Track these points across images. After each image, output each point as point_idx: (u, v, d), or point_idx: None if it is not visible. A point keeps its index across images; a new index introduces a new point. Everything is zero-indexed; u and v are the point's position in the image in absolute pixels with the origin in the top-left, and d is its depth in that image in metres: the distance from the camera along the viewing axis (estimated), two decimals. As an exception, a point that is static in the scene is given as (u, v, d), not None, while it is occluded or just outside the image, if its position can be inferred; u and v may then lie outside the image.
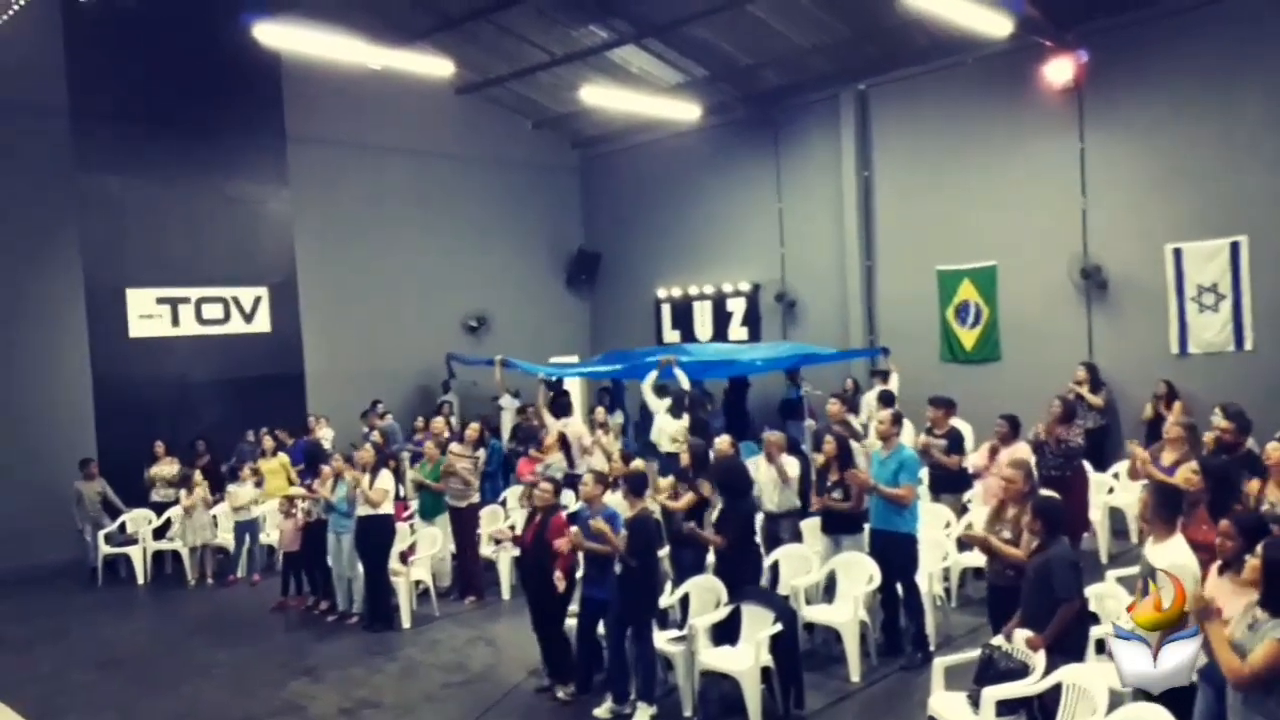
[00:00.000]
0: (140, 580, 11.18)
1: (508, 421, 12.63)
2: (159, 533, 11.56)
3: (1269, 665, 3.60)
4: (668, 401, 10.36)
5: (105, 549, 11.23)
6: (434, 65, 12.61)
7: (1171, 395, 10.81)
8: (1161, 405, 10.77)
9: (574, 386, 15.79)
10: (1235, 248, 11.05)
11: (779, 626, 6.26)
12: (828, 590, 7.50)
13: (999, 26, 10.76)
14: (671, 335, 16.87)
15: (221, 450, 12.52)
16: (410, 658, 8.02)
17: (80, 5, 8.35)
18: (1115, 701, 4.65)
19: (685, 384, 10.48)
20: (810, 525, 7.95)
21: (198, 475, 11.19)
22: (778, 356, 12.86)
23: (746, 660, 6.18)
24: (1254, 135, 10.90)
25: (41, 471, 11.65)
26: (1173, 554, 4.75)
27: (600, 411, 10.93)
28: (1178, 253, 11.42)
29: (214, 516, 11.16)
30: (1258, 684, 3.64)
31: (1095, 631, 5.47)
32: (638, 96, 14.12)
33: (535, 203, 17.34)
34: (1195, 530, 5.26)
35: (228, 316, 13.75)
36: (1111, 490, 9.77)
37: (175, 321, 13.29)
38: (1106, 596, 5.96)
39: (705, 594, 6.82)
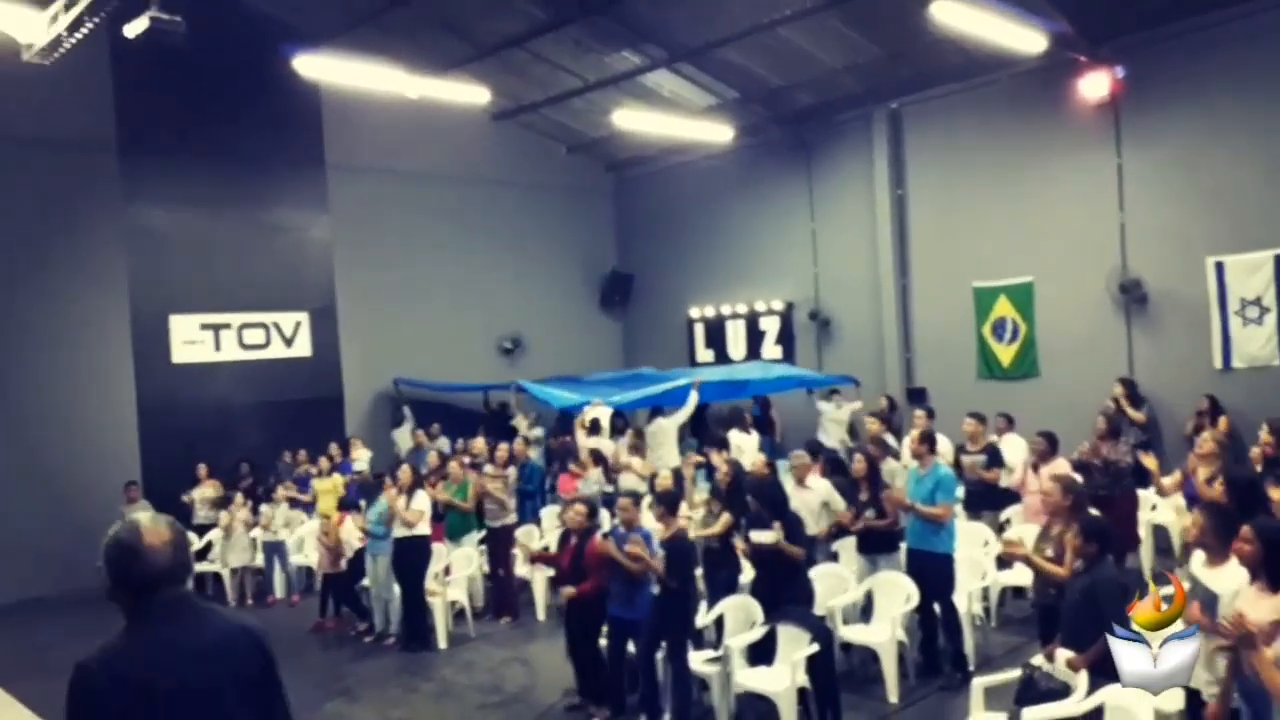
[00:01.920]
0: (183, 602, 11.31)
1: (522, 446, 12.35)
2: (200, 555, 11.73)
3: None
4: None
5: (149, 571, 11.38)
6: (470, 93, 12.84)
7: (1216, 410, 10.60)
8: (1204, 420, 10.56)
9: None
10: (1279, 260, 10.85)
11: (815, 647, 6.19)
12: (865, 610, 7.42)
13: (1033, 43, 10.72)
14: (705, 355, 16.88)
15: (264, 473, 12.71)
16: (446, 678, 8.05)
17: (128, 41, 8.60)
18: (1160, 723, 4.57)
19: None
20: (846, 545, 7.89)
21: (239, 497, 11.36)
22: (765, 379, 13.24)
23: (783, 681, 6.12)
24: (1297, 147, 10.72)
25: (87, 496, 11.89)
26: (1226, 580, 4.62)
27: (630, 433, 10.92)
28: (1220, 266, 11.23)
29: (253, 538, 11.31)
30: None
31: (1138, 651, 5.35)
32: (670, 119, 14.23)
33: (569, 226, 17.49)
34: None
35: (269, 341, 14.01)
36: (1155, 507, 9.57)
37: (218, 347, 13.57)
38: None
39: (740, 614, 6.78)
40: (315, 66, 11.65)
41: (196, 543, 11.74)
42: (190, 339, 13.37)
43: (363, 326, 14.79)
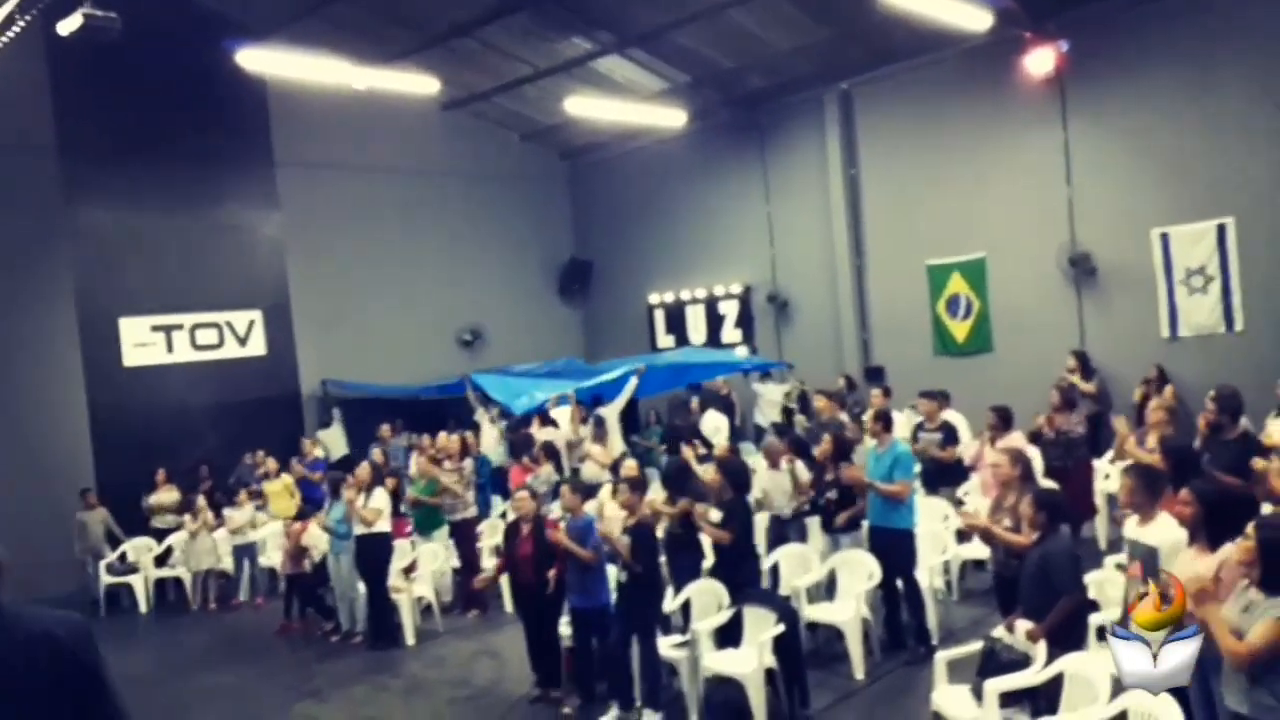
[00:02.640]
0: (143, 609, 11.18)
1: (489, 439, 12.19)
2: (160, 560, 11.57)
3: (1269, 644, 3.59)
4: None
5: (106, 579, 11.23)
6: (419, 83, 12.68)
7: (1162, 379, 10.84)
8: (1151, 389, 10.80)
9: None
10: (1222, 230, 11.09)
11: (781, 627, 6.26)
12: (829, 589, 7.50)
13: (978, 20, 10.81)
14: (666, 340, 16.90)
15: (223, 475, 12.53)
16: (415, 674, 8.02)
17: (63, 39, 8.39)
18: (1117, 689, 4.67)
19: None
20: (812, 524, 7.97)
21: (201, 500, 11.20)
22: (704, 364, 13.53)
23: (750, 663, 6.18)
24: (1236, 118, 10.94)
25: (41, 504, 11.64)
26: (1160, 532, 4.76)
27: (593, 422, 10.91)
28: (1165, 237, 11.45)
29: (215, 541, 11.16)
30: (1258, 664, 3.64)
31: (1095, 619, 5.47)
32: (623, 105, 14.18)
33: (525, 214, 17.38)
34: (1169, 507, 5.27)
35: (222, 341, 13.79)
36: (1108, 476, 9.77)
37: (170, 348, 13.33)
38: (1106, 583, 5.96)
39: (707, 598, 6.83)
40: (260, 60, 11.43)
41: (156, 548, 11.59)
42: (142, 341, 13.12)
43: (318, 323, 14.60)
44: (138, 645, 10.06)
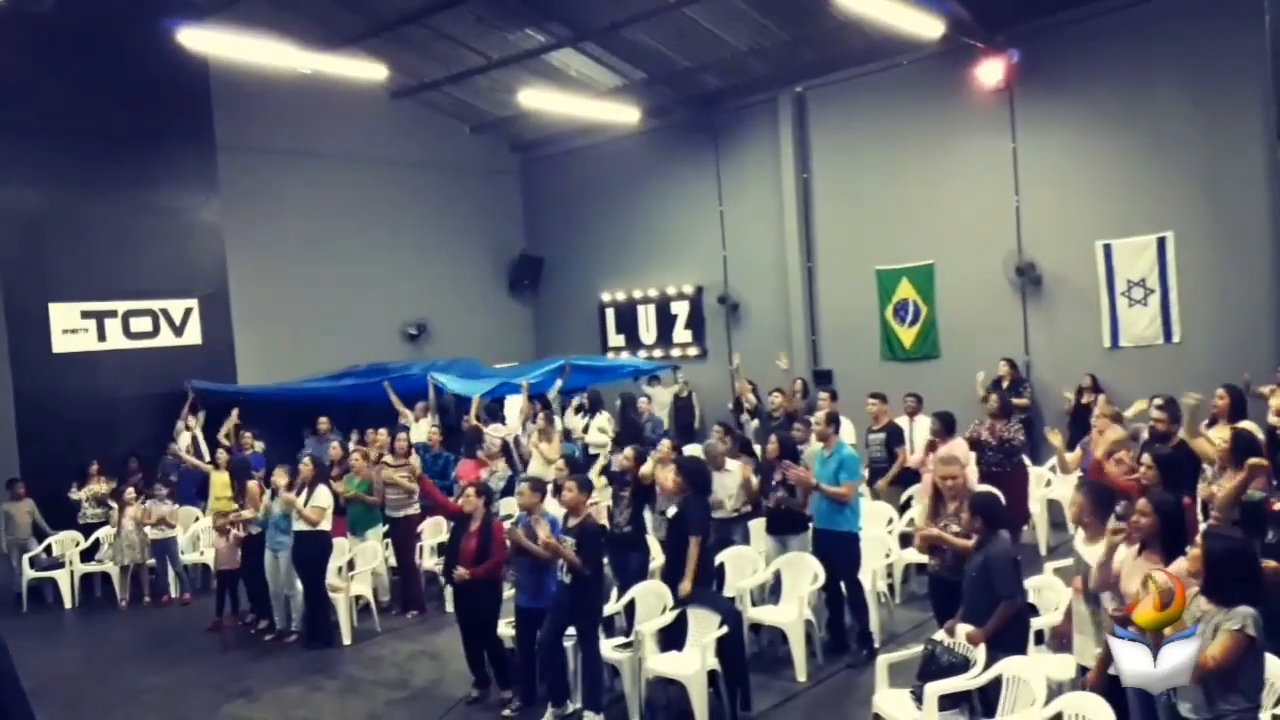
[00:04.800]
0: (68, 604, 10.78)
1: (418, 436, 11.44)
2: (87, 555, 11.17)
3: (1228, 657, 3.59)
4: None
5: (30, 573, 10.81)
6: (366, 69, 12.44)
7: (1096, 388, 11.05)
8: (1085, 396, 11.01)
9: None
10: (1162, 243, 11.34)
11: (725, 629, 6.22)
12: (774, 591, 7.48)
13: (931, 28, 10.92)
14: (617, 339, 16.82)
15: (154, 467, 12.11)
16: (351, 675, 7.82)
17: (-9, 11, 8.03)
18: (1054, 692, 4.71)
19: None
20: (756, 526, 7.95)
21: (130, 493, 10.82)
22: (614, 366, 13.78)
23: (693, 664, 6.12)
24: (1176, 134, 11.21)
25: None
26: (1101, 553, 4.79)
27: (541, 418, 10.76)
28: (1108, 248, 11.68)
29: (146, 535, 10.79)
30: (1218, 677, 3.63)
31: (1035, 623, 5.52)
32: (576, 100, 14.05)
33: (475, 207, 17.16)
34: None
35: (157, 330, 13.35)
36: (1049, 483, 9.93)
37: (102, 336, 12.86)
38: (1045, 588, 6.03)
39: (651, 599, 6.75)
40: (202, 40, 11.08)
41: (83, 542, 11.20)
42: (71, 327, 12.63)
43: (257, 313, 14.22)
44: (62, 642, 9.71)
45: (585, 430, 12.48)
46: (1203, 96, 10.96)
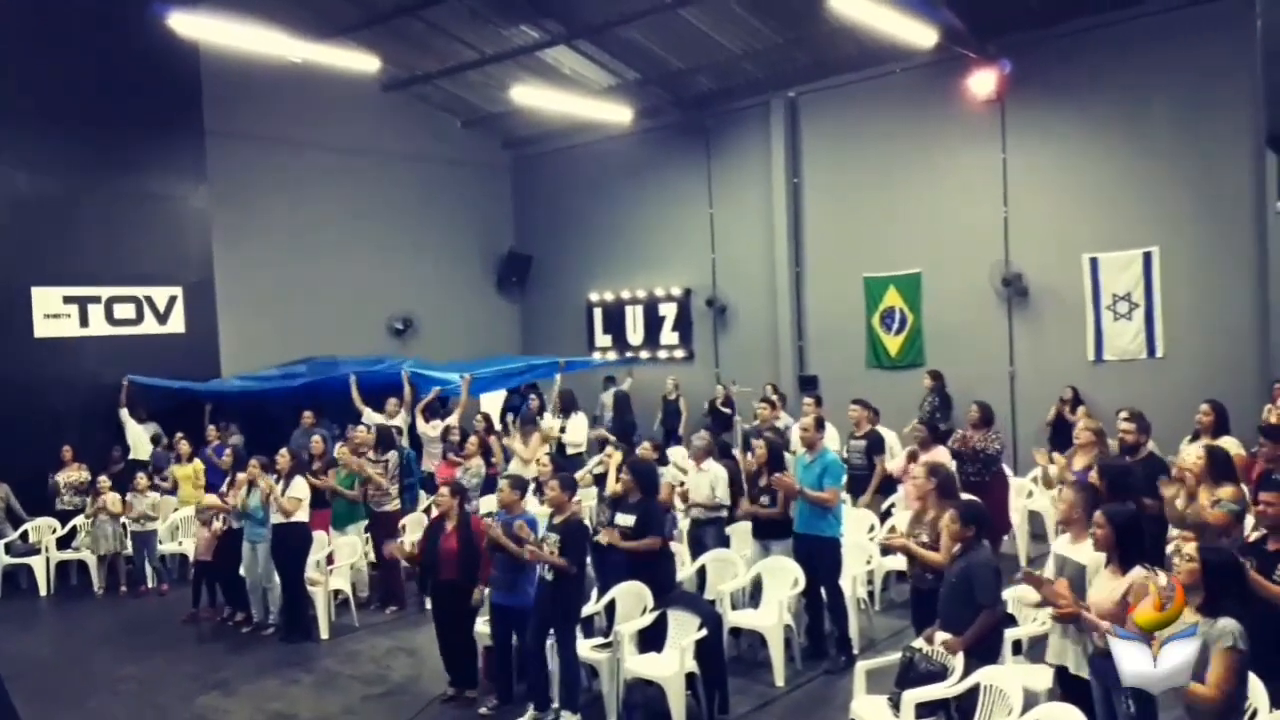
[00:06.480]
0: (43, 591, 10.67)
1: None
2: (64, 542, 11.07)
3: (1230, 680, 3.56)
4: None
5: (5, 559, 10.70)
6: (359, 60, 12.39)
7: (1076, 400, 11.13)
8: (1066, 409, 11.08)
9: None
10: (1148, 258, 11.43)
11: (704, 632, 6.21)
12: (754, 595, 7.49)
13: (924, 37, 10.97)
14: (604, 340, 16.80)
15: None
16: (328, 669, 7.78)
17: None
18: (1030, 701, 4.74)
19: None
20: (740, 530, 7.95)
21: (104, 481, 10.72)
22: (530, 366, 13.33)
23: (671, 666, 6.12)
24: (1164, 150, 11.30)
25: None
26: (1091, 552, 4.83)
27: (509, 416, 10.77)
28: (1094, 262, 11.76)
29: (124, 524, 10.70)
30: (1224, 702, 3.57)
31: (1012, 633, 5.54)
32: (569, 98, 14.03)
33: (465, 203, 17.10)
34: None
35: (140, 317, 13.23)
36: (1030, 494, 9.97)
37: (84, 322, 12.73)
38: (1024, 599, 6.05)
39: (631, 600, 6.74)
40: (193, 25, 11.00)
41: (60, 529, 11.09)
42: (53, 312, 12.49)
43: (243, 303, 14.11)
44: (37, 629, 9.61)
45: (563, 430, 12.46)
46: (1191, 113, 11.05)
